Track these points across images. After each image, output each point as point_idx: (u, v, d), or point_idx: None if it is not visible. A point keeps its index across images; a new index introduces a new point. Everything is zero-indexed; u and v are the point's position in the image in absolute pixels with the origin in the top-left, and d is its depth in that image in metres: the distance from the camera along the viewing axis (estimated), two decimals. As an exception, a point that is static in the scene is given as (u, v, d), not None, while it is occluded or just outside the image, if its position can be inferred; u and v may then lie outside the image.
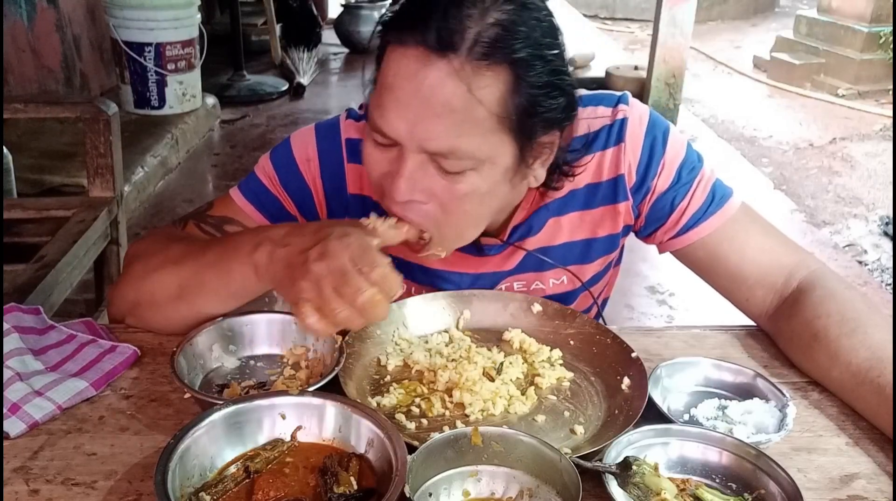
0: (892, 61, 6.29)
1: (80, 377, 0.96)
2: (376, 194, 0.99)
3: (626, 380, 0.97)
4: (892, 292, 3.48)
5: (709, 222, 1.12)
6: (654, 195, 1.13)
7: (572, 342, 1.08)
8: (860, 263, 3.73)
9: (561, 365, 1.04)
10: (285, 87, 5.70)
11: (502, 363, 1.02)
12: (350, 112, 1.15)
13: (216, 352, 1.00)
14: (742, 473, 0.83)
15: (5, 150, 2.45)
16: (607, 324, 1.11)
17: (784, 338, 1.11)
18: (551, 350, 1.06)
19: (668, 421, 0.90)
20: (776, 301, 1.13)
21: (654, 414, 0.91)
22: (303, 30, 6.49)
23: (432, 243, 0.98)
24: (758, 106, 6.40)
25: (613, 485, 0.78)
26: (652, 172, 1.11)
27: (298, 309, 0.80)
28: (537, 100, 0.90)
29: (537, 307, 1.12)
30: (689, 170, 1.12)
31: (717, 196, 1.12)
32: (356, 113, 1.15)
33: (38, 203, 2.39)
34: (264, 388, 0.96)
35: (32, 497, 0.80)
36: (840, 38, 6.56)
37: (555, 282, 1.19)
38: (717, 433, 0.86)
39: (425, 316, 1.11)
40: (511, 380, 0.99)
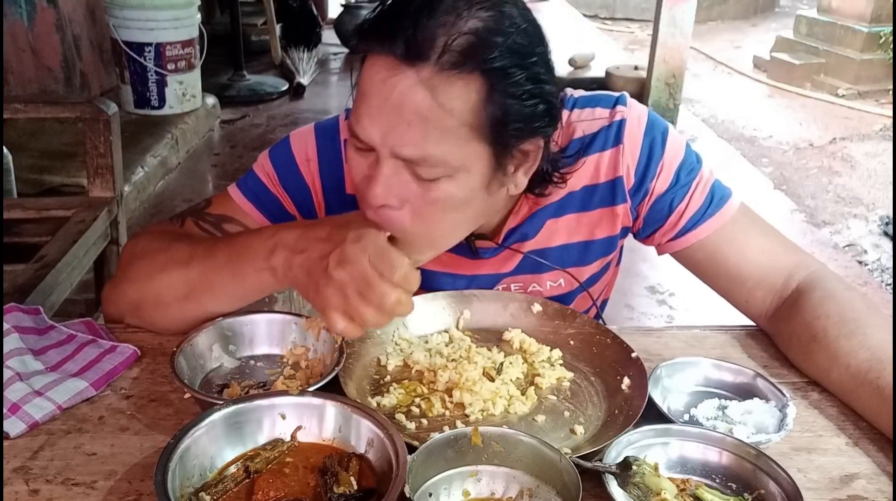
0: (892, 61, 6.30)
1: (80, 377, 0.96)
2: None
3: (626, 380, 0.97)
4: (892, 292, 3.48)
5: (707, 224, 1.12)
6: (652, 197, 1.12)
7: (572, 342, 1.08)
8: (860, 263, 3.73)
9: (561, 365, 1.04)
10: (285, 87, 5.70)
11: (502, 363, 1.02)
12: (349, 112, 1.15)
13: (216, 352, 1.00)
14: (742, 473, 0.83)
15: (5, 150, 2.45)
16: (607, 324, 1.11)
17: (783, 339, 1.10)
18: (551, 350, 1.06)
19: (668, 421, 0.90)
20: (776, 302, 1.13)
21: (654, 414, 0.91)
22: (303, 30, 6.49)
23: (398, 246, 0.97)
24: (758, 106, 6.40)
25: (613, 485, 0.78)
26: (650, 174, 1.11)
27: (327, 317, 0.83)
28: (513, 108, 0.88)
29: (537, 307, 1.12)
30: (687, 171, 1.12)
31: (715, 197, 1.12)
32: None
33: (38, 203, 2.39)
34: (264, 388, 0.96)
35: (32, 497, 0.80)
36: (840, 38, 6.56)
37: (552, 284, 1.19)
38: (717, 433, 0.86)
39: (425, 316, 1.11)
40: (511, 380, 0.99)
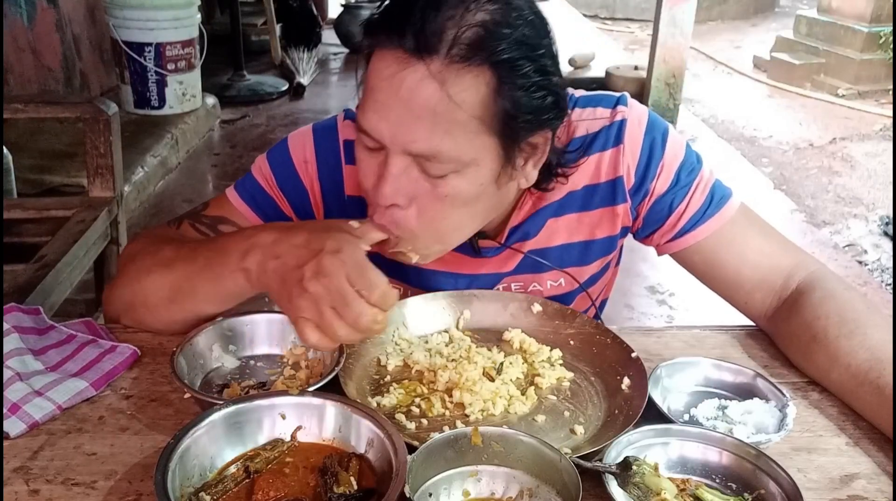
0: (892, 61, 6.30)
1: (80, 377, 0.96)
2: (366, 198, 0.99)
3: (626, 380, 0.97)
4: (892, 292, 3.48)
5: (706, 225, 1.12)
6: (652, 197, 1.12)
7: (572, 342, 1.08)
8: (860, 263, 3.73)
9: (561, 365, 1.04)
10: (285, 87, 5.70)
11: (502, 363, 1.02)
12: (347, 113, 1.15)
13: (216, 352, 1.00)
14: (742, 473, 0.83)
15: (5, 150, 2.45)
16: (607, 324, 1.11)
17: (783, 339, 1.10)
18: (551, 350, 1.06)
19: (668, 421, 0.90)
20: (775, 303, 1.13)
21: (654, 414, 0.91)
22: (303, 30, 6.49)
23: (402, 243, 0.96)
24: (758, 106, 6.40)
25: (613, 485, 0.78)
26: (651, 174, 1.11)
27: (299, 328, 0.81)
28: (522, 101, 0.89)
29: (537, 307, 1.12)
30: (687, 172, 1.12)
31: (715, 198, 1.12)
32: (353, 113, 1.15)
33: (38, 203, 2.39)
34: (264, 388, 0.96)
35: (32, 497, 0.80)
36: (840, 38, 6.56)
37: (552, 284, 1.19)
38: (717, 433, 0.86)
39: (425, 316, 1.11)
40: (511, 380, 0.99)
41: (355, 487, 0.78)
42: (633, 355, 1.00)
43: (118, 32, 4.37)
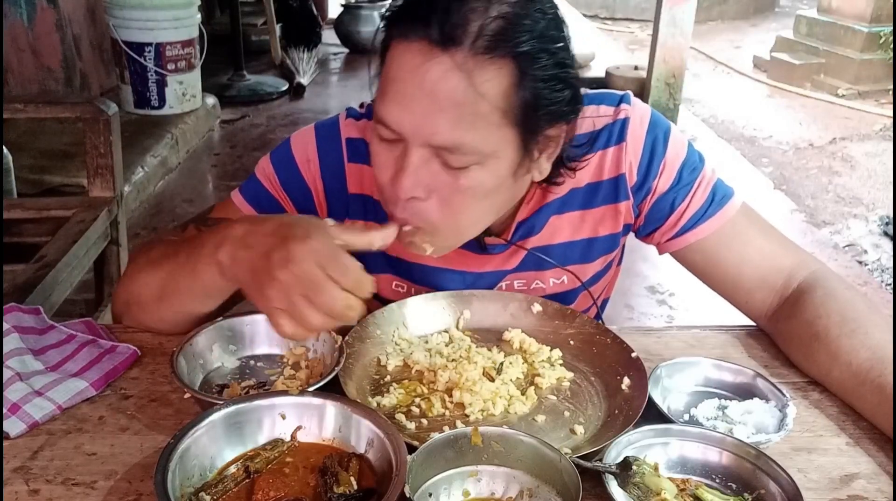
0: (892, 61, 6.29)
1: (80, 377, 0.96)
2: (380, 196, 0.99)
3: (626, 380, 0.97)
4: (892, 292, 3.48)
5: (707, 225, 1.12)
6: (654, 196, 1.12)
7: (572, 342, 1.08)
8: (860, 263, 3.73)
9: (561, 365, 1.04)
10: (285, 87, 5.70)
11: (502, 363, 1.02)
12: (350, 111, 1.15)
13: (216, 352, 1.00)
14: (742, 473, 0.83)
15: (5, 150, 2.45)
16: (607, 324, 1.11)
17: (784, 339, 1.10)
18: (551, 350, 1.06)
19: (668, 421, 0.90)
20: (776, 302, 1.13)
21: (654, 414, 0.91)
22: (303, 30, 6.49)
23: (421, 234, 0.96)
24: (758, 106, 6.40)
25: (613, 485, 0.78)
26: (653, 173, 1.11)
27: (272, 319, 0.80)
28: (542, 93, 0.90)
29: (537, 307, 1.12)
30: (689, 171, 1.12)
31: (716, 197, 1.12)
32: (356, 112, 1.15)
33: (38, 203, 2.39)
34: (264, 388, 0.96)
35: (32, 497, 0.80)
36: (840, 38, 6.56)
37: (555, 281, 1.19)
38: (717, 433, 0.86)
39: (425, 316, 1.11)
40: (511, 380, 0.99)
41: (355, 487, 0.78)
42: (634, 355, 1.00)
43: (118, 32, 4.38)
